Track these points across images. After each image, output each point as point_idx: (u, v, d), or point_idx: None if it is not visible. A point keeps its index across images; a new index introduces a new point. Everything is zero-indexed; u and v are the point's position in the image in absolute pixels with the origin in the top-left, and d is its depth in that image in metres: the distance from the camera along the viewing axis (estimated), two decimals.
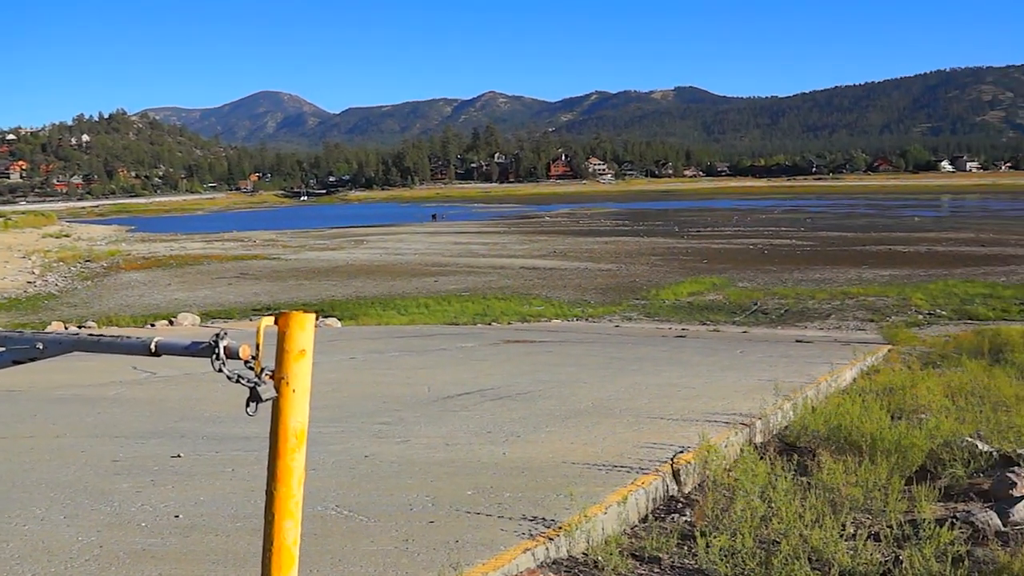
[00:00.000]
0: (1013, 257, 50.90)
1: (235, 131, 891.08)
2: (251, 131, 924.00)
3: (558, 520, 5.01)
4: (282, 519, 2.47)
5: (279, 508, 2.47)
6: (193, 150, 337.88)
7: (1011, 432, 8.05)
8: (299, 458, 2.49)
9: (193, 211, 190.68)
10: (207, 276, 49.93)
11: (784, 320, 29.79)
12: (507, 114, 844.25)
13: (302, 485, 2.50)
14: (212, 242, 79.27)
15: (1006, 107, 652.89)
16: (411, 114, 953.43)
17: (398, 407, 9.36)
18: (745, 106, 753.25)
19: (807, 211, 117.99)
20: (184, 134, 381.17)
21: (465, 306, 33.73)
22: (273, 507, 2.47)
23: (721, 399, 9.54)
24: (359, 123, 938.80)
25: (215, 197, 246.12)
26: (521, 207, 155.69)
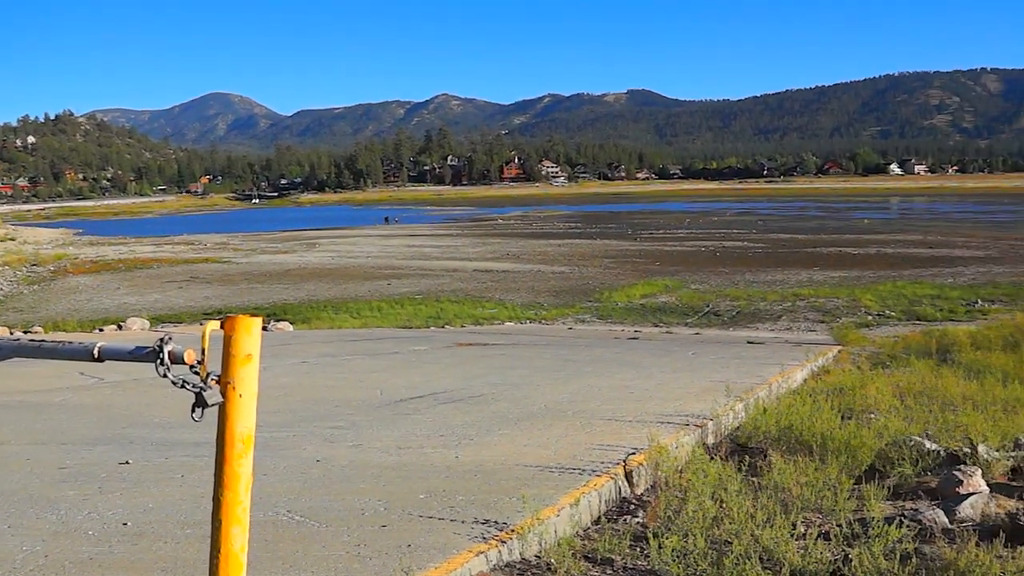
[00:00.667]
0: (960, 259, 51.66)
1: (185, 133, 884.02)
2: (201, 133, 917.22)
3: (511, 523, 5.00)
4: (229, 525, 2.44)
5: (226, 514, 2.44)
6: (142, 152, 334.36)
7: (958, 431, 8.15)
8: (246, 463, 2.46)
9: (142, 214, 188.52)
10: (157, 280, 49.37)
11: (736, 322, 30.00)
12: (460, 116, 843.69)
13: (249, 491, 2.48)
14: (162, 245, 78.40)
15: (953, 111, 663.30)
16: (364, 116, 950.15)
17: (350, 411, 9.31)
18: (697, 109, 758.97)
19: (759, 213, 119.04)
20: (133, 136, 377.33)
21: (418, 309, 33.63)
22: (220, 513, 2.44)
23: (673, 400, 9.59)
24: (311, 125, 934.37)
25: (165, 200, 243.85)
26: (474, 210, 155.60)
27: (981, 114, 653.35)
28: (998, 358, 14.85)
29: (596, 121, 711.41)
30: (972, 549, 4.51)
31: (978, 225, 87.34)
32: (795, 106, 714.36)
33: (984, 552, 4.49)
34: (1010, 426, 8.53)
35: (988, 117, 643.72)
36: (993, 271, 44.97)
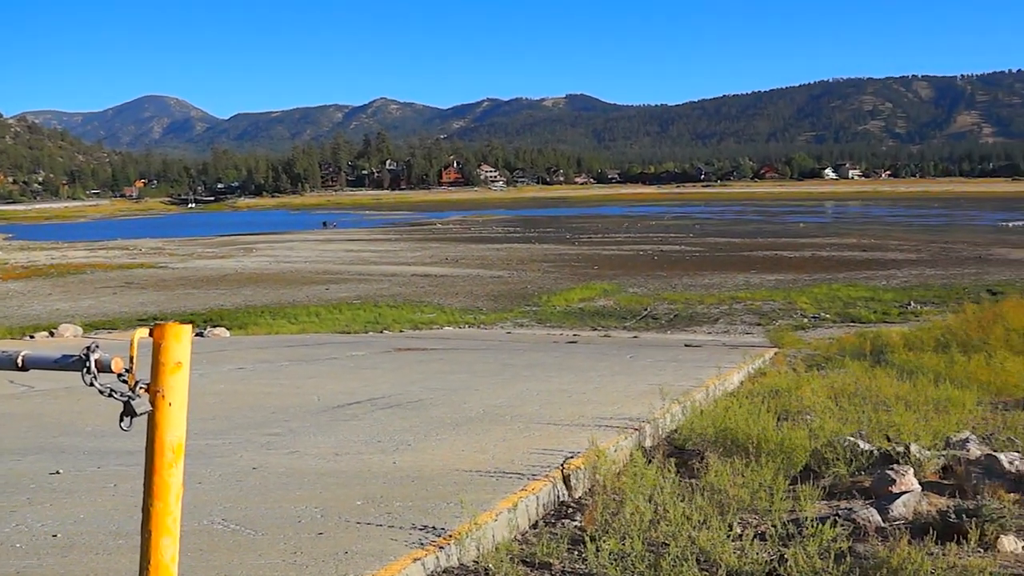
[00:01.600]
0: (893, 261, 52.56)
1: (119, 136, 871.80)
2: (136, 136, 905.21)
3: (448, 528, 4.98)
4: (159, 536, 2.41)
5: (156, 525, 2.40)
6: (75, 155, 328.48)
7: (891, 430, 8.28)
8: (176, 473, 2.43)
9: (76, 218, 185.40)
10: (90, 285, 48.58)
11: (674, 325, 30.23)
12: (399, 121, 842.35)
13: (180, 501, 2.44)
14: (96, 250, 77.19)
15: (885, 117, 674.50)
16: (301, 120, 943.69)
17: (287, 417, 9.22)
18: (635, 114, 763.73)
19: (696, 217, 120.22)
20: (66, 139, 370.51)
21: (356, 314, 33.46)
22: (150, 524, 2.40)
23: (611, 404, 9.63)
24: (248, 129, 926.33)
25: (99, 204, 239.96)
26: (413, 214, 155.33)
27: (913, 120, 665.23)
28: (930, 359, 15.09)
29: (535, 126, 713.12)
30: (904, 547, 4.57)
31: (910, 229, 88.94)
32: (732, 111, 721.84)
33: (916, 550, 4.55)
34: (941, 425, 8.68)
35: (920, 123, 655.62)
36: (925, 273, 45.82)
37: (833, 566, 4.54)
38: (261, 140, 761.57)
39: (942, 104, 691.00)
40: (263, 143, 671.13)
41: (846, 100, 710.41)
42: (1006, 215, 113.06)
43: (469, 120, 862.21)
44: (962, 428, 8.74)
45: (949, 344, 17.64)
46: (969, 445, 7.75)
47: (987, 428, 9.20)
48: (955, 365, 14.10)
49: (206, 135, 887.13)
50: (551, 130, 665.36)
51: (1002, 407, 10.84)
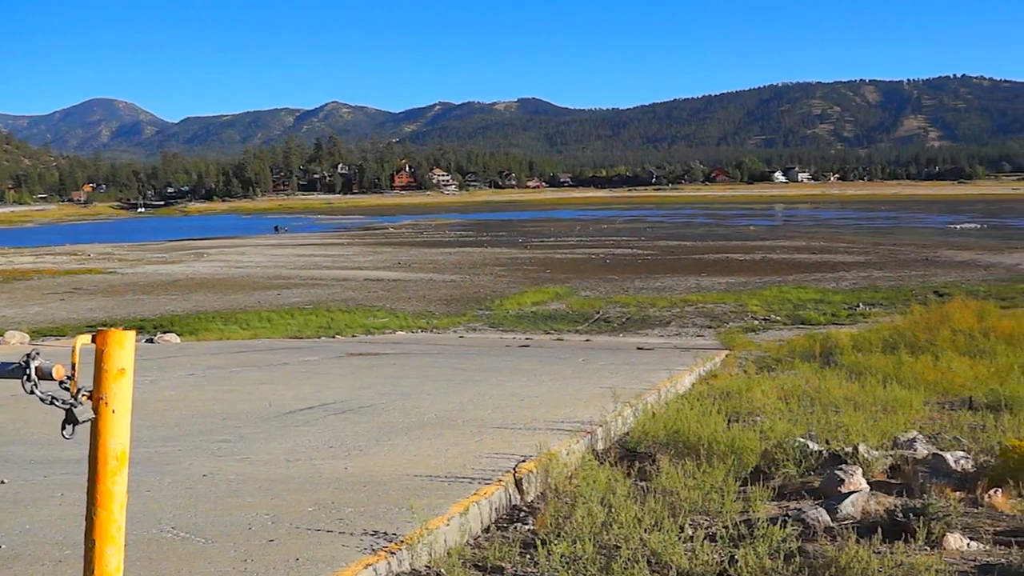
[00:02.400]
0: (842, 264, 53.11)
1: (67, 140, 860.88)
2: (84, 140, 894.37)
3: (400, 534, 4.96)
4: (103, 545, 2.38)
5: (100, 534, 2.37)
6: (21, 159, 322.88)
7: (840, 431, 8.37)
8: (120, 481, 2.40)
9: (22, 223, 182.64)
10: (38, 291, 47.82)
11: (626, 328, 30.32)
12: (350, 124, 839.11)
13: (124, 509, 2.41)
14: (43, 256, 76.01)
15: (834, 121, 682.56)
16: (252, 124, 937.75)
17: (238, 424, 9.15)
18: (587, 118, 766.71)
19: (648, 221, 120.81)
20: (11, 142, 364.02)
21: (309, 319, 33.24)
22: (94, 533, 2.37)
23: (563, 407, 9.64)
24: (198, 133, 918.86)
25: (46, 209, 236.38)
26: (365, 218, 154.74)
27: (861, 123, 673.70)
28: (878, 360, 15.28)
29: (487, 129, 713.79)
30: (852, 546, 4.63)
31: (859, 231, 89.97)
32: (683, 115, 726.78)
33: (864, 549, 4.61)
34: (889, 425, 8.80)
35: (867, 127, 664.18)
36: (873, 276, 46.33)
37: (783, 566, 4.58)
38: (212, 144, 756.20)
39: (889, 108, 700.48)
40: (214, 147, 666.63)
41: (795, 104, 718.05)
42: (952, 217, 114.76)
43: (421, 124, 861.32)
44: (909, 428, 8.86)
45: (897, 345, 17.87)
46: (916, 445, 7.86)
47: (934, 428, 9.33)
48: (903, 366, 14.28)
49: (155, 139, 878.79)
50: (503, 134, 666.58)
51: (948, 407, 11.00)
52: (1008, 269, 48.51)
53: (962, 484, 6.62)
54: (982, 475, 6.69)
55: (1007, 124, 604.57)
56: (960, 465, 6.99)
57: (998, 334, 18.99)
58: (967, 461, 7.12)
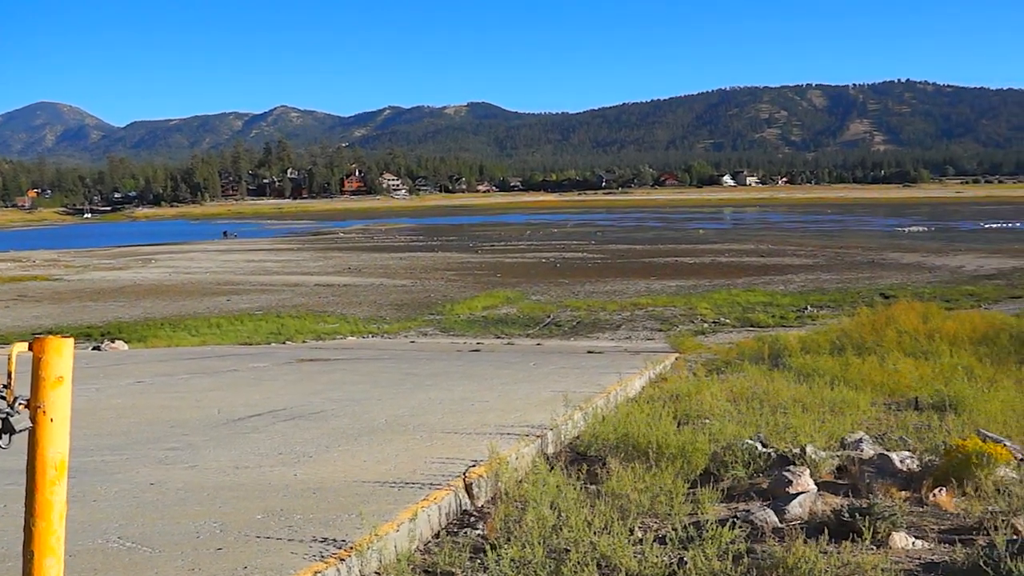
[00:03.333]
0: (790, 267, 53.67)
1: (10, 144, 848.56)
2: (28, 144, 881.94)
3: (349, 540, 4.93)
4: (43, 557, 2.34)
5: (39, 545, 2.33)
6: None
7: (788, 433, 8.44)
8: (59, 491, 2.36)
9: None
10: None
11: (577, 332, 30.42)
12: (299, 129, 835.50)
13: (64, 519, 2.37)
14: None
15: (781, 125, 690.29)
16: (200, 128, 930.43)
17: (186, 431, 9.04)
18: (537, 122, 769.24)
19: (598, 224, 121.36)
20: None
21: (259, 325, 33.01)
22: (32, 544, 2.33)
23: (514, 412, 9.64)
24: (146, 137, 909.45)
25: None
26: (315, 223, 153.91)
27: (807, 128, 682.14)
28: (826, 361, 15.44)
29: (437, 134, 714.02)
30: (800, 547, 4.67)
31: (807, 234, 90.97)
32: (632, 119, 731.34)
33: (811, 549, 4.65)
34: (836, 426, 8.89)
35: (814, 131, 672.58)
36: (821, 278, 46.88)
37: (731, 567, 4.61)
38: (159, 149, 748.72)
39: (835, 113, 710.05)
40: (161, 152, 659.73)
41: (743, 108, 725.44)
42: (898, 221, 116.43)
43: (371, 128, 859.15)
44: (856, 429, 8.95)
45: (844, 347, 18.08)
46: (863, 445, 7.94)
47: (880, 428, 9.44)
48: (850, 367, 14.44)
49: (102, 143, 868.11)
50: (453, 138, 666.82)
51: (895, 407, 11.14)
52: (952, 271, 49.27)
53: (908, 484, 6.70)
54: (927, 474, 6.77)
55: (951, 128, 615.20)
56: (906, 465, 7.07)
57: (943, 335, 19.26)
58: (912, 461, 7.20)
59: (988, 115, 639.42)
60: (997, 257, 57.84)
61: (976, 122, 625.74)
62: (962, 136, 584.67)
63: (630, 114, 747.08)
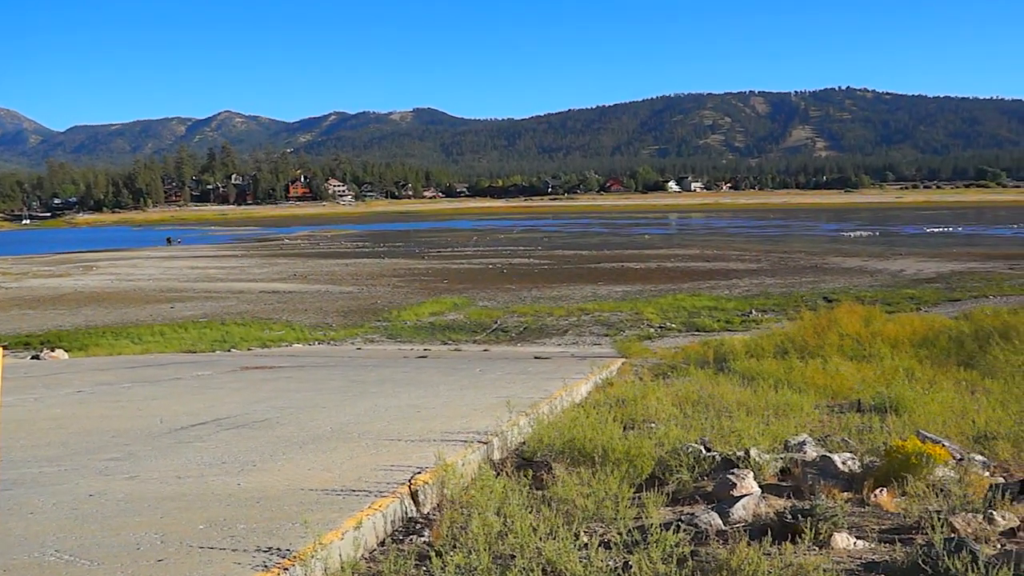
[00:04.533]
0: (735, 271, 54.11)
1: None
2: None
3: (294, 549, 4.89)
4: None
5: None
6: None
7: (732, 436, 8.51)
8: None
9: None
10: None
11: (524, 337, 30.44)
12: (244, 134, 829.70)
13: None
14: None
15: (725, 131, 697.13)
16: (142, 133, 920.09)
17: (128, 441, 8.92)
18: (483, 128, 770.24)
19: (544, 230, 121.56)
20: None
21: (203, 333, 32.64)
22: None
23: (460, 418, 9.63)
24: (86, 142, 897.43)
25: None
26: (260, 229, 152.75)
27: (751, 134, 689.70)
28: (770, 365, 15.60)
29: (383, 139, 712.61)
30: (743, 549, 4.71)
31: (751, 239, 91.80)
32: (578, 125, 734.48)
33: (754, 551, 4.69)
34: (780, 429, 8.98)
35: (757, 137, 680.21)
36: (765, 283, 47.31)
37: (676, 570, 4.64)
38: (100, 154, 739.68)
39: (778, 119, 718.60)
40: (102, 157, 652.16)
41: (687, 115, 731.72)
42: (840, 225, 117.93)
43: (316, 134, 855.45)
44: (800, 431, 9.05)
45: (788, 351, 18.30)
46: (806, 447, 8.04)
47: (823, 430, 9.54)
48: (793, 371, 14.60)
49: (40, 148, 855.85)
50: (399, 144, 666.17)
51: (837, 409, 11.28)
52: (893, 275, 49.97)
53: (849, 484, 6.79)
54: (868, 475, 6.87)
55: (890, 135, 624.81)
56: (847, 466, 7.16)
57: (884, 338, 19.56)
58: (854, 462, 7.30)
59: (926, 122, 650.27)
60: (936, 261, 58.75)
61: (914, 129, 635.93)
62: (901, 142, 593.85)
63: (576, 120, 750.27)
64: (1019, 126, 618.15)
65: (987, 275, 48.35)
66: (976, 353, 17.28)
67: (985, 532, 5.41)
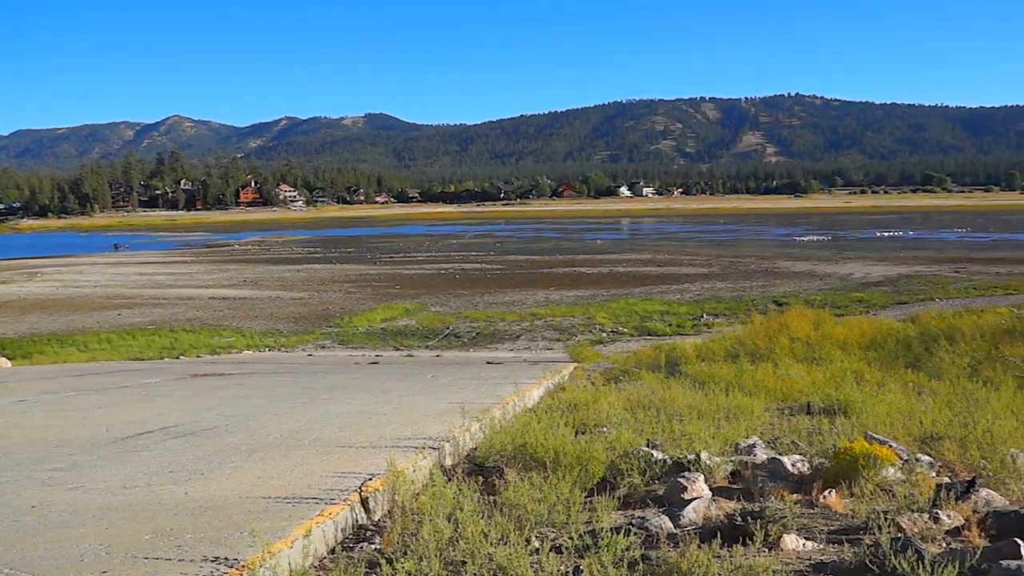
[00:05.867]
0: (686, 276, 54.50)
1: None
2: None
3: (242, 558, 4.82)
4: None
5: None
6: None
7: (683, 440, 8.54)
8: None
9: None
10: None
11: (476, 343, 30.44)
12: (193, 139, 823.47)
13: None
14: None
15: (676, 137, 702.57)
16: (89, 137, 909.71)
17: (72, 451, 8.77)
18: (435, 133, 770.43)
19: (497, 236, 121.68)
20: None
21: (151, 340, 32.29)
22: None
23: (411, 424, 9.58)
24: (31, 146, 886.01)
25: None
26: (210, 235, 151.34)
27: (702, 139, 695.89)
28: (721, 368, 15.71)
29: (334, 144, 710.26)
30: (694, 552, 4.72)
31: (702, 244, 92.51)
32: (530, 131, 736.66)
33: (704, 553, 4.70)
34: (731, 432, 9.02)
35: (708, 142, 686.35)
36: (716, 287, 47.69)
37: (627, 574, 4.64)
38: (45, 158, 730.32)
39: (728, 125, 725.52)
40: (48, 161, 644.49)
41: (639, 120, 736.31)
42: (789, 230, 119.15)
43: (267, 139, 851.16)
44: (750, 434, 9.11)
45: (739, 354, 18.43)
46: (756, 450, 8.08)
47: (773, 433, 9.61)
48: (744, 374, 14.71)
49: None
50: (351, 149, 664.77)
51: (787, 412, 11.36)
52: (842, 279, 50.58)
53: (799, 486, 6.83)
54: (817, 477, 6.92)
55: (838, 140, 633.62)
56: (797, 468, 7.21)
57: (833, 341, 19.79)
58: (803, 464, 7.35)
59: (873, 128, 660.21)
60: (884, 265, 59.56)
61: (862, 135, 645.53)
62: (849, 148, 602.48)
63: (528, 125, 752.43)
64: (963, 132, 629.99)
65: (933, 278, 49.12)
66: (923, 355, 17.53)
67: (931, 531, 5.46)
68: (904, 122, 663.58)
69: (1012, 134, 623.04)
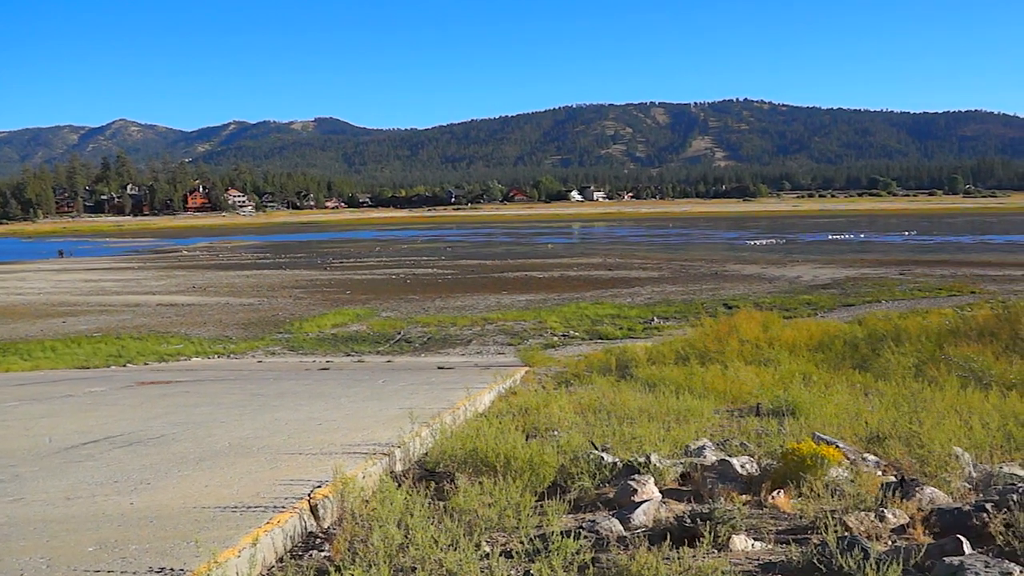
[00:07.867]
0: (637, 279, 54.71)
1: None
2: None
3: (188, 569, 4.75)
4: None
5: None
6: None
7: (634, 443, 8.56)
8: None
9: None
10: None
11: (427, 348, 30.35)
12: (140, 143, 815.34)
13: None
14: None
15: (626, 141, 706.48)
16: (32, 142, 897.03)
17: (13, 462, 8.61)
18: (385, 138, 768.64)
19: (448, 240, 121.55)
20: None
21: (97, 348, 31.81)
22: None
23: (361, 430, 9.52)
24: None
25: None
26: (157, 241, 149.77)
27: (652, 144, 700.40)
28: (671, 371, 15.79)
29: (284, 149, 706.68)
30: (643, 554, 4.73)
31: (652, 248, 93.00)
32: (481, 135, 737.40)
33: (654, 556, 4.72)
34: (681, 434, 9.07)
35: (658, 147, 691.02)
36: (667, 290, 47.92)
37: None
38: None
39: (678, 129, 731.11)
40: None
41: (589, 125, 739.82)
42: (739, 233, 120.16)
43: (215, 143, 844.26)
44: (700, 436, 9.16)
45: (689, 357, 18.55)
46: (706, 452, 8.12)
47: (723, 435, 9.67)
48: (694, 376, 14.79)
49: None
50: (301, 154, 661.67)
51: (737, 414, 11.45)
52: (790, 282, 51.06)
53: (748, 487, 6.87)
54: (766, 478, 6.97)
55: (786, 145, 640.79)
56: (746, 469, 7.25)
57: (781, 343, 19.96)
58: (752, 465, 7.39)
59: (820, 133, 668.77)
60: (831, 267, 60.24)
61: (809, 139, 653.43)
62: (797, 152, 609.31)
63: (479, 130, 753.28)
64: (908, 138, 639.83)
65: (879, 281, 49.76)
66: (869, 356, 17.72)
67: (877, 530, 5.52)
68: (850, 127, 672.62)
69: (955, 139, 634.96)
